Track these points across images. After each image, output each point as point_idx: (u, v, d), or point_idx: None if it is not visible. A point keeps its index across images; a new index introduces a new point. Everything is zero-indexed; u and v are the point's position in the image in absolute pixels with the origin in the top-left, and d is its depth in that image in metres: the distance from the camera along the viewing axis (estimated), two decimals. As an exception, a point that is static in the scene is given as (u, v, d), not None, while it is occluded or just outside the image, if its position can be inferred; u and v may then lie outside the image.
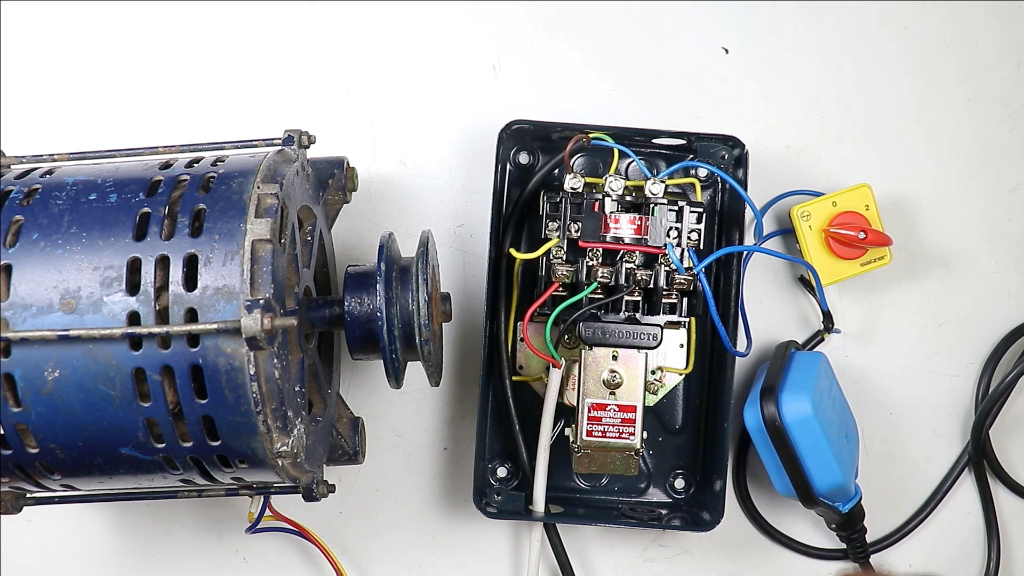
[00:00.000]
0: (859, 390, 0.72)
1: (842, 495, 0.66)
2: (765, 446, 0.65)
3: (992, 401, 0.70)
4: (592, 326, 0.63)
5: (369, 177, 0.71)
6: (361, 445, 0.66)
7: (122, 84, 0.71)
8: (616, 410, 0.63)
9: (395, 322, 0.58)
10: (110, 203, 0.53)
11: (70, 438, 0.52)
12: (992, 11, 0.74)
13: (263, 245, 0.51)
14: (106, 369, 0.50)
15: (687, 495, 0.70)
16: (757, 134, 0.72)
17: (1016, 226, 0.73)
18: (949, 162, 0.73)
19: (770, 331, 0.72)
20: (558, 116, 0.68)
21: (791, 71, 0.73)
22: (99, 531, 0.70)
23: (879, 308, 0.73)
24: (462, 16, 0.72)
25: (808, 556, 0.71)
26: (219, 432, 0.52)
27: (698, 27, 0.73)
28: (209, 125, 0.71)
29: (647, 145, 0.69)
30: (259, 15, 0.72)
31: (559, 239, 0.63)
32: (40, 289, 0.51)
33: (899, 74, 0.73)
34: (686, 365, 0.69)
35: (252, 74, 0.72)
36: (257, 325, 0.48)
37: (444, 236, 0.71)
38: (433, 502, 0.71)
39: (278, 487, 0.61)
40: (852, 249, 0.69)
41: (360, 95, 0.72)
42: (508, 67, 0.72)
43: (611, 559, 0.71)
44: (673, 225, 0.63)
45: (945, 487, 0.72)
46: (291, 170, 0.56)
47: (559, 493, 0.69)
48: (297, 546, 0.70)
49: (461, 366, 0.71)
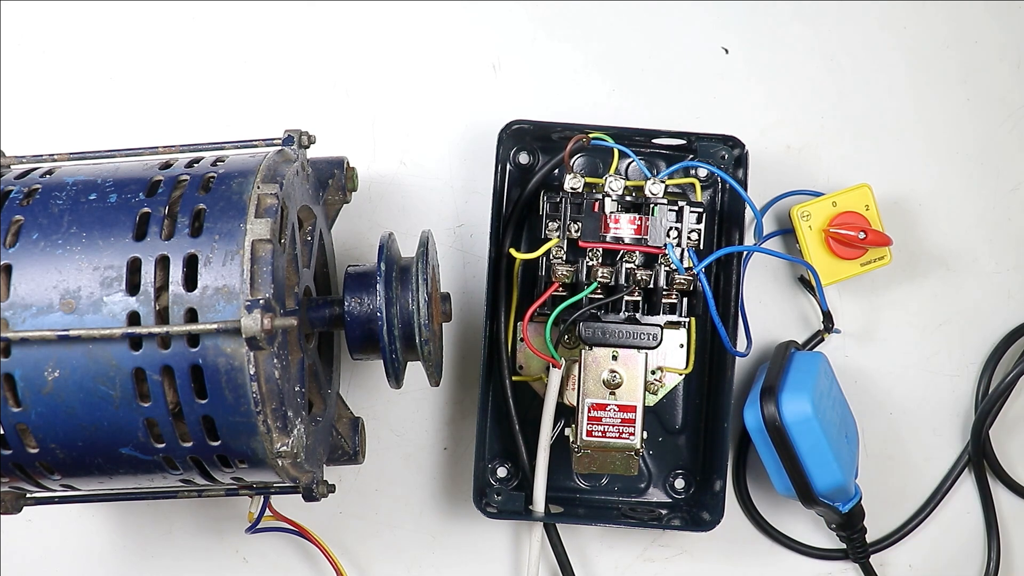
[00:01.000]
0: (859, 390, 0.72)
1: (842, 495, 0.66)
2: (765, 446, 0.65)
3: (992, 401, 0.70)
4: (592, 326, 0.63)
5: (369, 177, 0.71)
6: (361, 445, 0.66)
7: (122, 84, 0.72)
8: (616, 410, 0.63)
9: (395, 322, 0.58)
10: (110, 203, 0.53)
11: (70, 438, 0.52)
12: (992, 11, 0.74)
13: (263, 245, 0.51)
14: (106, 369, 0.50)
15: (687, 495, 0.70)
16: (757, 134, 0.72)
17: (1016, 226, 0.73)
18: (949, 162, 0.73)
19: (770, 331, 0.72)
20: (558, 116, 0.68)
21: (791, 71, 0.73)
22: (99, 531, 0.70)
23: (879, 308, 0.73)
24: (462, 16, 0.72)
25: (808, 556, 0.71)
26: (219, 432, 0.52)
27: (698, 27, 0.73)
28: (209, 125, 0.71)
29: (647, 145, 0.69)
30: (259, 15, 0.72)
31: (559, 239, 0.63)
32: (40, 289, 0.51)
33: (899, 74, 0.73)
34: (686, 365, 0.69)
35: (252, 74, 0.72)
36: (257, 325, 0.48)
37: (444, 236, 0.71)
38: (433, 502, 0.71)
39: (278, 487, 0.61)
40: (852, 249, 0.69)
41: (360, 95, 0.72)
42: (508, 67, 0.72)
43: (611, 559, 0.71)
44: (673, 225, 0.63)
45: (945, 487, 0.72)
46: (291, 170, 0.56)
47: (559, 493, 0.69)
48: (297, 546, 0.70)
49: (461, 366, 0.71)
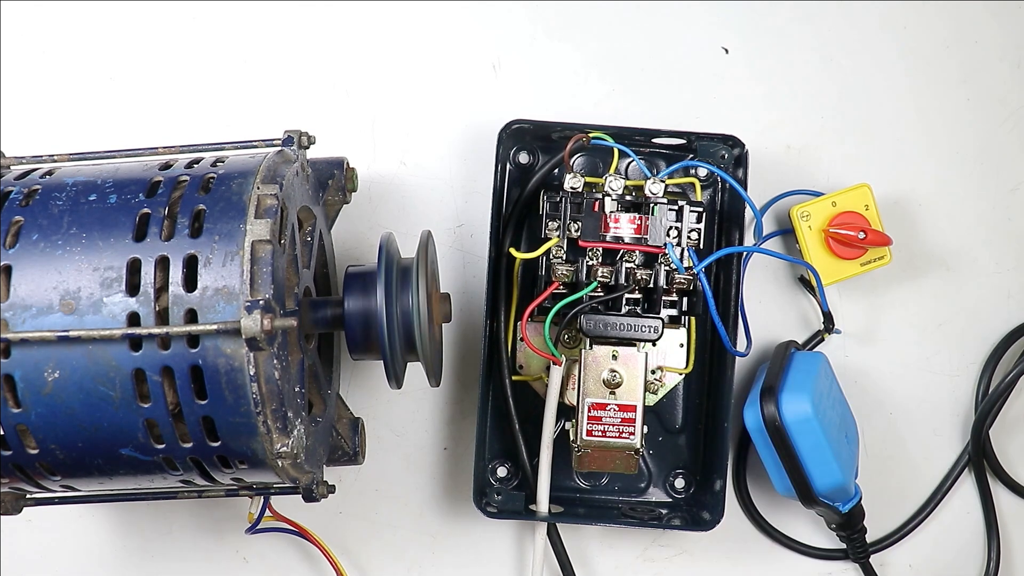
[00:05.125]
0: (859, 390, 0.72)
1: (842, 495, 0.66)
2: (765, 446, 0.65)
3: (992, 401, 0.70)
4: (593, 319, 0.63)
5: (369, 177, 0.71)
6: (361, 445, 0.66)
7: (122, 84, 0.71)
8: (616, 410, 0.63)
9: (395, 322, 0.58)
10: (110, 204, 0.53)
11: (70, 439, 0.52)
12: (992, 11, 0.74)
13: (263, 246, 0.51)
14: (106, 370, 0.50)
15: (687, 495, 0.70)
16: (757, 134, 0.72)
17: (1016, 226, 0.73)
18: (949, 162, 0.73)
19: (770, 331, 0.72)
20: (558, 116, 0.68)
21: (791, 71, 0.73)
22: (99, 531, 0.70)
23: (879, 308, 0.73)
24: (462, 16, 0.72)
25: (808, 556, 0.71)
26: (219, 433, 0.52)
27: (698, 27, 0.73)
28: (209, 125, 0.71)
29: (647, 145, 0.69)
30: (259, 15, 0.72)
31: (559, 239, 0.63)
32: (40, 290, 0.51)
33: (899, 74, 0.73)
34: (686, 365, 0.69)
35: (252, 74, 0.72)
36: (257, 326, 0.48)
37: (444, 236, 0.71)
38: (433, 502, 0.71)
39: (278, 488, 0.61)
40: (852, 249, 0.69)
41: (360, 95, 0.72)
42: (508, 67, 0.72)
43: (611, 559, 0.71)
44: (673, 225, 0.63)
45: (945, 487, 0.72)
46: (291, 171, 0.56)
47: (559, 493, 0.69)
48: (297, 546, 0.70)
49: (461, 366, 0.71)
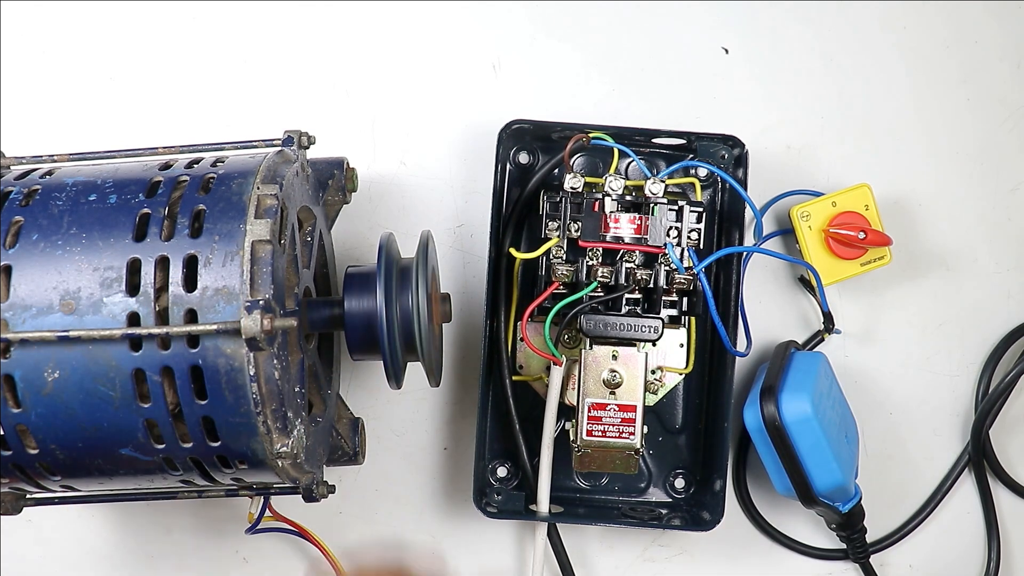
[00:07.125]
0: (859, 390, 0.72)
1: (842, 495, 0.66)
2: (765, 446, 0.65)
3: (992, 401, 0.70)
4: (593, 318, 0.63)
5: (369, 177, 0.71)
6: (361, 445, 0.66)
7: (122, 84, 0.71)
8: (616, 410, 0.63)
9: (395, 322, 0.58)
10: (110, 204, 0.53)
11: (70, 439, 0.52)
12: (992, 11, 0.74)
13: (263, 246, 0.51)
14: (106, 370, 0.50)
15: (687, 495, 0.70)
16: (757, 134, 0.72)
17: (1016, 226, 0.73)
18: (949, 162, 0.73)
19: (770, 331, 0.72)
20: (558, 116, 0.68)
21: (791, 71, 0.73)
22: (99, 531, 0.70)
23: (879, 308, 0.73)
24: (462, 16, 0.72)
25: (808, 556, 0.71)
26: (219, 433, 0.52)
27: (698, 27, 0.73)
28: (209, 125, 0.71)
29: (647, 145, 0.69)
30: (259, 15, 0.72)
31: (559, 239, 0.63)
32: (40, 290, 0.51)
33: (899, 74, 0.73)
34: (686, 365, 0.69)
35: (252, 74, 0.72)
36: (257, 326, 0.48)
37: (444, 236, 0.71)
38: (433, 502, 0.71)
39: (278, 488, 0.61)
40: (852, 249, 0.69)
41: (360, 95, 0.72)
42: (508, 67, 0.72)
43: (611, 559, 0.71)
44: (673, 225, 0.63)
45: (945, 487, 0.72)
46: (291, 171, 0.56)
47: (559, 493, 0.69)
48: (297, 546, 0.70)
49: (461, 366, 0.71)
